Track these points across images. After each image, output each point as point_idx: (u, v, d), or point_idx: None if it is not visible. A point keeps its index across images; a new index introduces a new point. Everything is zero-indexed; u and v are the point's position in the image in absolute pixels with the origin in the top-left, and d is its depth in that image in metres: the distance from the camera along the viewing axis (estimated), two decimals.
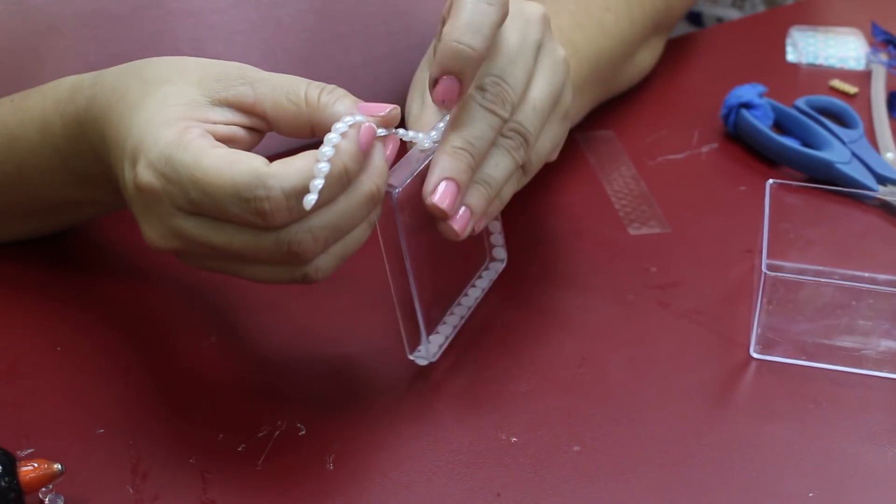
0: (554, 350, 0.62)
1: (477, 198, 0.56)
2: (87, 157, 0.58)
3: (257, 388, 0.60)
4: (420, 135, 0.56)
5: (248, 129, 0.54)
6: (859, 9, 0.98)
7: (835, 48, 0.90)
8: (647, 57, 0.84)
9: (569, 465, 0.56)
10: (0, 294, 0.66)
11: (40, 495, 0.53)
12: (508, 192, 0.59)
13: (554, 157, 0.63)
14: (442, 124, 0.57)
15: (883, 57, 0.88)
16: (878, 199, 0.72)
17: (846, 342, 0.61)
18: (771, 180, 0.67)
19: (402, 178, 0.55)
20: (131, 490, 0.54)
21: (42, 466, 0.51)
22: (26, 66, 0.66)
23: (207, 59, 0.56)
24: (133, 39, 0.67)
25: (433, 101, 0.55)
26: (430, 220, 0.56)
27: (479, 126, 0.56)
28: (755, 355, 0.62)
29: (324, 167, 0.50)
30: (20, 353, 0.62)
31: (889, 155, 0.78)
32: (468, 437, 0.57)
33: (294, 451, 0.56)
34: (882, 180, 0.74)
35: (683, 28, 1.17)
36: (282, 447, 0.56)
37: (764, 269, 0.60)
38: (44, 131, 0.60)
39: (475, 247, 0.65)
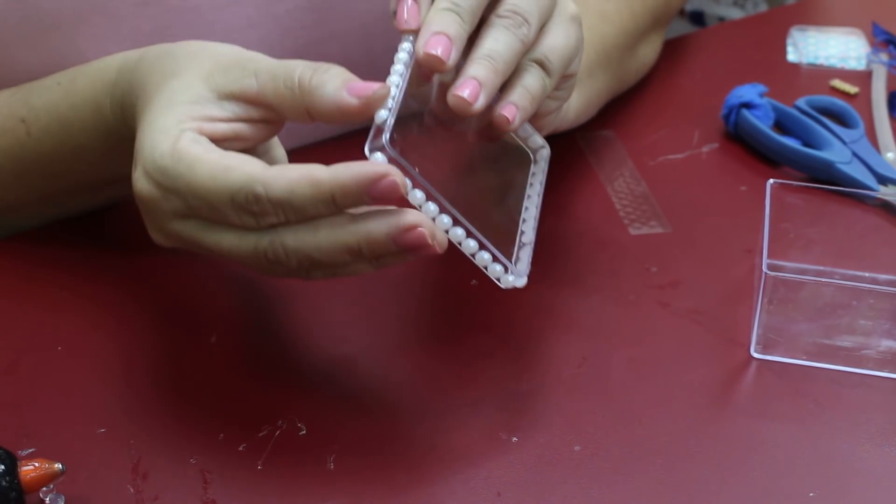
0: (554, 350, 0.62)
1: (481, 69, 0.54)
2: (132, 128, 0.58)
3: (258, 388, 0.60)
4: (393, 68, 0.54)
5: (258, 121, 0.54)
6: (860, 9, 0.98)
7: (835, 48, 0.90)
8: (649, 52, 0.84)
9: (569, 465, 0.56)
10: (0, 294, 0.66)
11: (41, 495, 0.53)
12: (534, 86, 0.57)
13: (576, 67, 0.61)
14: (407, 43, 0.55)
15: (884, 57, 0.88)
16: (879, 199, 0.72)
17: (847, 342, 0.61)
18: (771, 180, 0.67)
19: (386, 122, 0.52)
20: (132, 490, 0.54)
21: (43, 466, 0.51)
22: (25, 64, 0.66)
23: (223, 48, 0.56)
24: (132, 37, 0.67)
25: (397, 27, 0.55)
26: (448, 156, 0.55)
27: None
28: (756, 355, 0.62)
29: (398, 72, 0.53)
30: (20, 353, 0.62)
31: (890, 155, 0.78)
32: (468, 437, 0.57)
33: (295, 450, 0.56)
34: (883, 180, 0.74)
35: (684, 27, 1.17)
36: (282, 447, 0.56)
37: (764, 268, 0.60)
38: (97, 113, 0.61)
39: (511, 154, 0.62)
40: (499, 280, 0.54)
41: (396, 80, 0.54)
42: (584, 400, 0.59)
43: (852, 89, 0.86)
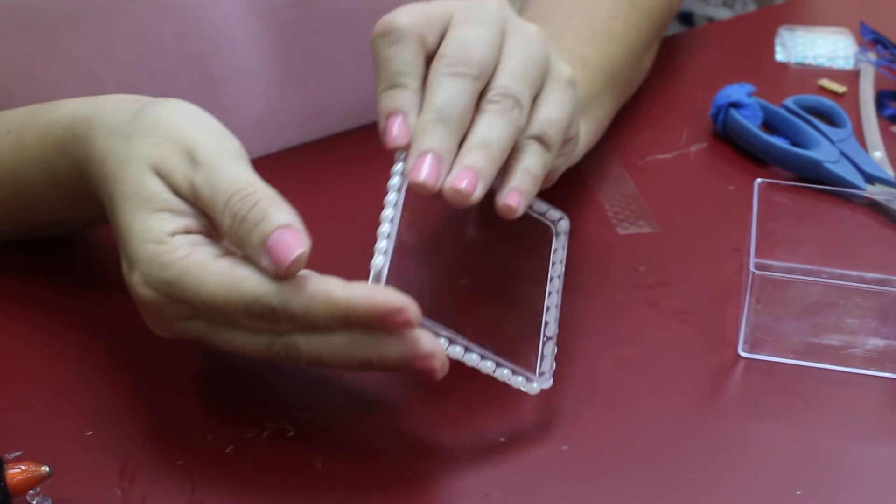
0: None
1: (476, 157, 0.53)
2: (95, 192, 0.58)
3: (245, 390, 0.60)
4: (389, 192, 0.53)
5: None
6: (848, 8, 0.98)
7: (823, 48, 0.90)
8: (648, 60, 0.84)
9: (557, 465, 0.56)
10: None
11: (28, 498, 0.52)
12: (534, 166, 0.55)
13: (575, 130, 0.60)
14: (399, 164, 0.54)
15: (871, 56, 0.88)
16: (866, 197, 0.72)
17: (834, 341, 0.61)
18: (759, 179, 0.67)
19: (382, 261, 0.51)
20: (119, 492, 0.54)
21: (29, 469, 0.51)
22: (10, 62, 0.66)
23: (173, 123, 0.54)
24: (118, 34, 0.67)
25: (388, 145, 0.54)
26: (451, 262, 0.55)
27: (446, 91, 0.53)
28: (743, 354, 0.62)
29: (391, 202, 0.52)
30: (8, 354, 0.62)
31: (877, 154, 0.78)
32: (456, 437, 0.57)
33: (283, 452, 0.56)
34: (870, 179, 0.75)
35: (674, 27, 1.17)
36: (270, 448, 0.56)
37: (752, 268, 0.60)
38: (48, 171, 0.60)
39: (526, 234, 0.61)
40: (523, 388, 0.55)
41: (390, 213, 0.53)
42: (571, 400, 0.59)
43: (840, 88, 0.86)
